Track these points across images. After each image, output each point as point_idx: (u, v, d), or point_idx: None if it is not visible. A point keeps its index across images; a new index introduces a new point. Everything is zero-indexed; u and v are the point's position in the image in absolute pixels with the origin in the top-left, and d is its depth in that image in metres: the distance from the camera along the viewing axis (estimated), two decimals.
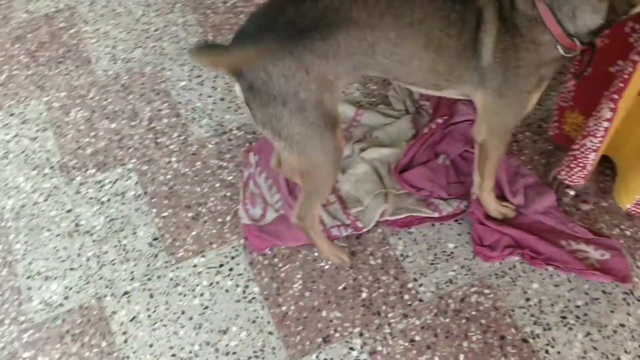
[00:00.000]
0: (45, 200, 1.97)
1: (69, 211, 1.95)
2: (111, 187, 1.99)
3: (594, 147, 1.64)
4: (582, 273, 1.72)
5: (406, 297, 1.75)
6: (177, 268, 1.82)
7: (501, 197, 1.85)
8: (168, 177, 2.02)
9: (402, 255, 1.82)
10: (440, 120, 2.00)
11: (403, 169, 1.93)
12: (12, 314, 1.75)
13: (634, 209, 1.79)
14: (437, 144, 1.99)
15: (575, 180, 1.78)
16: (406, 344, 1.66)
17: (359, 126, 2.09)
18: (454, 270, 1.79)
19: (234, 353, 1.66)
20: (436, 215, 1.84)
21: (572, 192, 1.88)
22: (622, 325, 1.66)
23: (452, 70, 1.41)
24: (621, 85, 1.47)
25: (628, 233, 1.82)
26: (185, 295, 1.76)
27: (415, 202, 1.87)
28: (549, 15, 1.32)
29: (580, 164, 1.72)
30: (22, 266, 1.83)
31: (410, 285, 1.77)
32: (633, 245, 1.79)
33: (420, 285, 1.76)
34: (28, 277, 1.81)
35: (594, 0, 1.28)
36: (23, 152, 2.09)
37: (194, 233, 1.89)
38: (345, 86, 1.53)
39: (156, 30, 2.42)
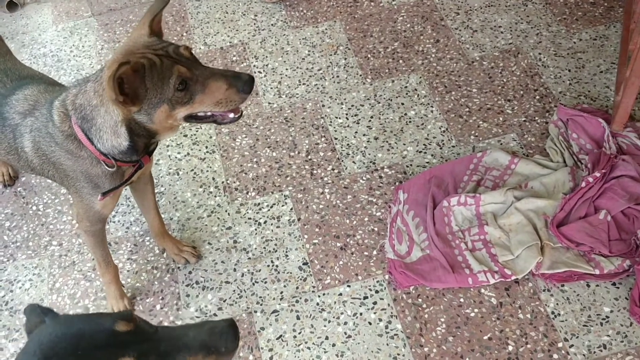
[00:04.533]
0: (209, 216, 2.13)
1: (228, 228, 2.09)
2: (268, 211, 2.11)
3: None
4: None
5: (555, 356, 1.68)
6: (324, 294, 1.88)
7: None
8: (320, 206, 2.10)
9: (553, 312, 1.76)
10: (598, 174, 1.93)
11: (560, 222, 1.87)
12: (170, 317, 1.89)
13: None
14: (596, 199, 1.92)
15: None
16: None
17: (514, 175, 2.07)
18: (608, 335, 1.70)
19: None
20: (597, 272, 1.76)
21: None
22: None
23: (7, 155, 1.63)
24: None
25: None
26: (329, 322, 1.81)
27: (574, 257, 1.80)
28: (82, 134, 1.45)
29: None
30: (183, 274, 1.98)
31: (560, 344, 1.70)
32: None
33: (571, 346, 1.69)
34: (187, 285, 1.96)
35: (113, 124, 1.40)
36: (192, 170, 2.28)
37: (341, 262, 1.95)
38: None
39: (319, 69, 2.57)
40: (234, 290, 1.92)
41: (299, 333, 1.80)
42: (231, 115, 1.49)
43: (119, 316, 0.88)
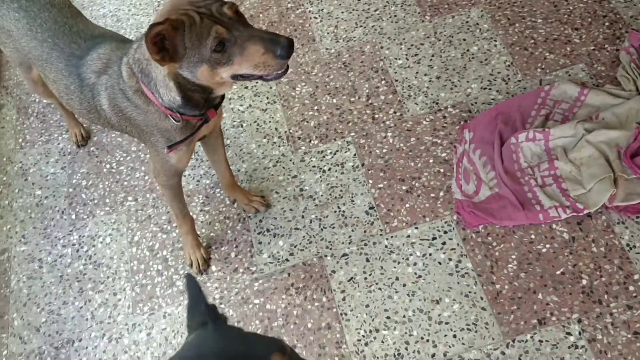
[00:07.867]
0: (274, 165, 2.17)
1: (294, 177, 2.12)
2: (332, 158, 2.13)
3: None
4: None
5: (631, 288, 1.65)
6: (392, 237, 1.90)
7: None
8: (384, 151, 2.10)
9: (628, 245, 1.72)
10: None
11: (634, 153, 1.81)
12: (245, 264, 1.97)
13: None
14: None
15: None
16: (629, 335, 1.57)
17: (584, 107, 1.99)
18: None
19: (447, 323, 1.70)
20: None
21: None
22: None
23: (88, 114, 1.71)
24: None
25: None
26: (399, 263, 1.84)
27: None
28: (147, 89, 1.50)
29: None
30: (254, 223, 2.04)
31: (636, 277, 1.67)
32: None
33: None
34: (259, 233, 2.02)
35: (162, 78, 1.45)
36: (255, 121, 2.31)
37: (407, 205, 1.96)
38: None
39: (376, 10, 2.52)
40: (304, 236, 1.97)
41: (370, 275, 1.84)
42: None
43: (275, 347, 0.85)
